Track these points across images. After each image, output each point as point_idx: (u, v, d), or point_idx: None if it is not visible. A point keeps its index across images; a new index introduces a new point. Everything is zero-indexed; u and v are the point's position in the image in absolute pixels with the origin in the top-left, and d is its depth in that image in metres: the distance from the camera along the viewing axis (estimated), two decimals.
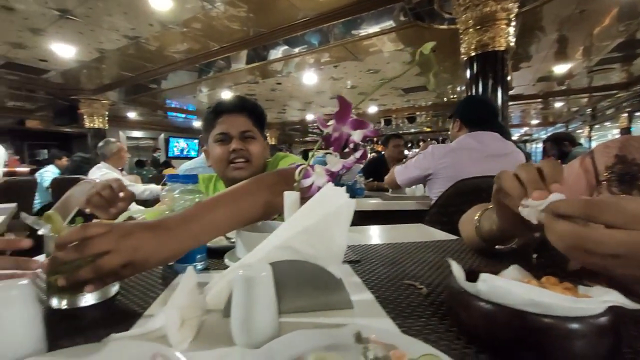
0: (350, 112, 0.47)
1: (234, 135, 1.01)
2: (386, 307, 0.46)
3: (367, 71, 5.63)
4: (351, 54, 4.69)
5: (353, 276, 0.59)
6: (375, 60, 5.04)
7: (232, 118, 1.03)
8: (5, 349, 0.32)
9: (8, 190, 2.90)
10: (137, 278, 0.60)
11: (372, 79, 6.08)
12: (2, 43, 4.19)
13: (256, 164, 1.03)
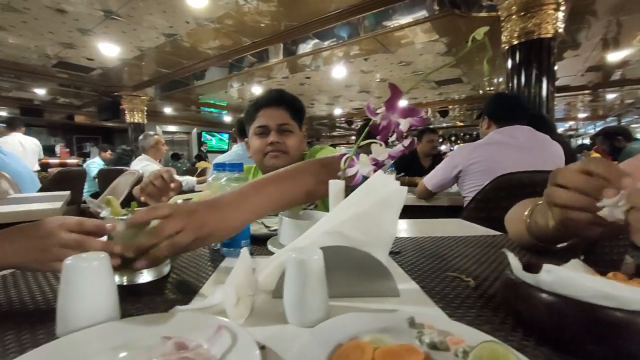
0: (400, 99, 0.46)
1: (272, 128, 1.04)
2: (433, 297, 0.46)
3: (398, 64, 5.50)
4: (382, 46, 4.59)
5: (395, 267, 0.59)
6: (407, 52, 4.90)
7: (270, 111, 1.05)
8: (86, 314, 0.36)
9: (61, 180, 3.16)
10: (189, 260, 0.64)
11: (403, 72, 5.92)
12: (55, 44, 4.54)
13: (292, 156, 1.06)
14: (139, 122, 7.49)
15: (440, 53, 4.90)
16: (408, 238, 0.81)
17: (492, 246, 0.73)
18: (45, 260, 0.45)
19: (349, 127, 11.42)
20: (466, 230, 0.92)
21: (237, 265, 0.42)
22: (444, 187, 1.62)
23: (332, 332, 0.33)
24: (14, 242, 0.46)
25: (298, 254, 0.39)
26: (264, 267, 0.48)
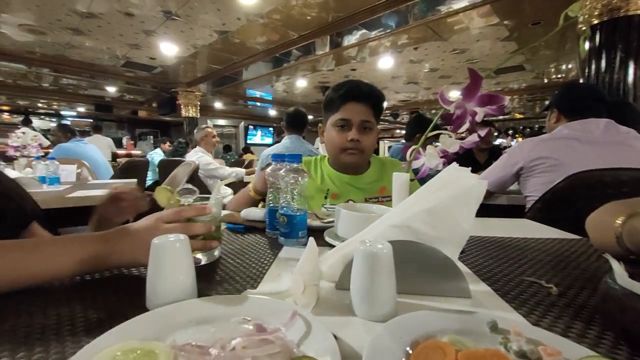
0: (480, 86, 0.43)
1: (355, 123, 1.02)
2: (511, 302, 0.42)
3: (451, 52, 5.16)
4: (434, 34, 4.34)
5: (461, 266, 0.55)
6: (463, 38, 4.57)
7: (357, 106, 1.03)
8: (171, 289, 0.39)
9: (129, 169, 3.51)
10: (252, 249, 0.67)
11: (457, 60, 5.55)
12: (123, 45, 5.01)
13: (367, 155, 1.08)
14: (193, 116, 8.00)
15: (501, 38, 4.49)
16: (470, 237, 0.76)
17: (571, 251, 0.66)
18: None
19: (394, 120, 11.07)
20: (535, 231, 0.84)
21: (304, 254, 0.42)
22: (503, 186, 1.48)
23: (407, 328, 0.32)
24: (119, 242, 0.48)
25: (366, 246, 0.39)
26: (327, 257, 0.48)
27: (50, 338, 0.33)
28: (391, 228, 0.43)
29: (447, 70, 6.15)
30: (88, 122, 10.64)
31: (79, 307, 0.40)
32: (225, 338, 0.29)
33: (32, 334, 0.34)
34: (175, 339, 0.30)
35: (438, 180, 0.43)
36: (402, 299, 0.43)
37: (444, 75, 6.47)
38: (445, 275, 0.43)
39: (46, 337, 0.33)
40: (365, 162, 1.11)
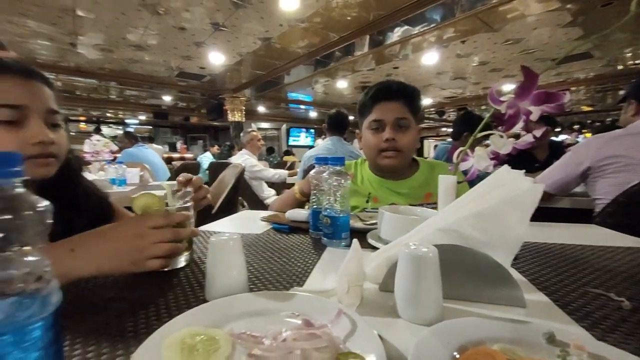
0: (536, 84, 0.40)
1: (388, 122, 0.98)
2: (572, 314, 0.39)
3: (503, 43, 4.80)
4: (484, 25, 4.07)
5: (514, 273, 0.52)
6: (517, 28, 4.23)
7: (389, 105, 0.99)
8: (229, 286, 0.42)
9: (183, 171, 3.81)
10: (296, 249, 0.70)
11: (510, 52, 5.14)
12: (177, 57, 5.44)
13: (407, 155, 1.01)
14: (239, 121, 8.42)
15: (562, 24, 4.07)
16: (525, 243, 0.71)
17: None
18: (142, 259, 0.46)
19: (440, 118, 10.57)
20: (605, 238, 0.76)
21: (348, 255, 0.43)
22: (565, 188, 1.33)
23: (454, 333, 0.32)
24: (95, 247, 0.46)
25: (411, 249, 0.39)
26: (371, 259, 0.48)
27: (127, 321, 0.38)
28: (437, 232, 0.42)
29: (498, 63, 5.73)
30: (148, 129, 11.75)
31: (149, 296, 0.45)
32: (276, 330, 0.31)
33: (110, 318, 0.39)
34: (232, 327, 0.33)
35: (488, 183, 0.41)
36: (449, 304, 0.42)
37: (495, 68, 6.03)
38: (496, 282, 0.41)
39: (123, 320, 0.38)
40: (404, 163, 1.04)
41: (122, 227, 0.49)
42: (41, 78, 0.60)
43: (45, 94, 0.59)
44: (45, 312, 0.25)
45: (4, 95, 0.53)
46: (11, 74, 0.55)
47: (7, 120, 0.53)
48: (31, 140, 0.55)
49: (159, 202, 0.54)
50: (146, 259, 0.47)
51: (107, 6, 3.54)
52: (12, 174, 0.24)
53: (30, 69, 0.59)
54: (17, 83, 0.55)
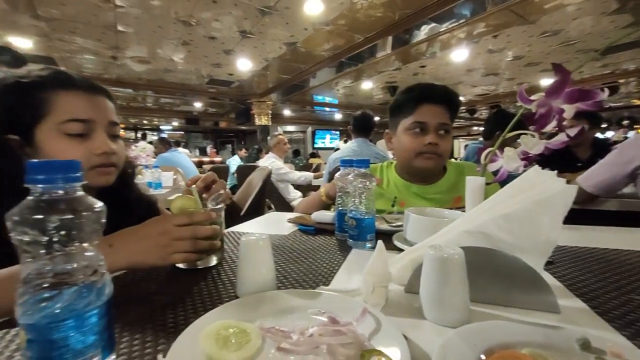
0: (569, 82, 0.39)
1: (432, 127, 0.95)
2: (612, 322, 0.37)
3: (540, 35, 4.53)
4: (518, 17, 3.86)
5: (549, 278, 0.50)
6: (555, 18, 3.98)
7: (434, 108, 0.96)
8: (258, 283, 0.45)
9: None
10: (322, 250, 0.71)
11: (547, 44, 4.84)
12: (208, 65, 5.69)
13: (444, 160, 1.00)
14: (265, 124, 8.62)
15: (608, 12, 3.77)
16: (562, 247, 0.68)
17: None
18: (166, 255, 0.50)
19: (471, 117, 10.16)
20: None
21: (374, 256, 0.44)
22: (611, 189, 1.23)
23: (481, 336, 0.31)
24: (129, 243, 0.50)
25: (436, 250, 0.39)
26: (396, 260, 0.49)
27: (168, 313, 0.41)
28: (464, 234, 0.42)
29: (535, 56, 5.42)
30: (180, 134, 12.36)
31: (186, 291, 0.48)
32: (303, 326, 0.33)
33: (154, 309, 0.42)
34: (261, 322, 0.35)
35: (517, 184, 0.40)
36: (478, 307, 0.41)
37: (531, 62, 5.71)
38: (527, 287, 0.40)
39: (164, 312, 0.42)
40: (441, 167, 1.03)
41: (151, 225, 0.53)
42: (104, 93, 0.66)
43: (108, 108, 0.65)
44: (100, 301, 0.28)
45: (74, 109, 0.59)
46: (80, 89, 0.61)
47: (76, 133, 0.59)
48: (96, 151, 0.60)
49: (194, 203, 0.58)
50: (170, 253, 0.51)
51: (145, 21, 3.79)
52: (74, 179, 0.27)
53: (96, 84, 0.65)
54: (85, 98, 0.61)
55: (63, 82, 0.60)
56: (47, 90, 0.58)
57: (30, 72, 0.60)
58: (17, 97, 0.58)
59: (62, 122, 0.58)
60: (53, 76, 0.60)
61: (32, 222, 0.25)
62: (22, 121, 0.57)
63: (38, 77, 0.59)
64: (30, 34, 4.08)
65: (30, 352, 0.26)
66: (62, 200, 0.27)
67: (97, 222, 0.28)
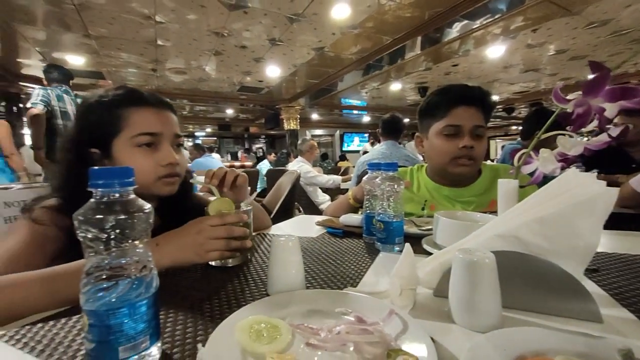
0: (608, 80, 0.37)
1: (467, 129, 0.92)
2: None
3: (585, 27, 4.21)
4: (560, 9, 3.61)
5: (592, 286, 0.47)
6: (603, 8, 3.68)
7: (468, 110, 0.93)
8: (288, 282, 0.46)
9: None
10: (350, 252, 0.72)
11: (595, 36, 4.47)
12: (239, 73, 5.92)
13: (479, 163, 0.98)
14: (294, 129, 8.78)
15: None
16: (611, 254, 0.63)
17: None
18: (203, 252, 0.55)
19: (509, 116, 9.62)
20: None
21: (401, 258, 0.44)
22: None
23: (512, 342, 0.31)
24: (171, 243, 0.55)
25: (466, 254, 0.38)
26: (424, 264, 0.48)
27: (205, 307, 0.44)
28: (495, 238, 0.41)
29: (580, 49, 5.03)
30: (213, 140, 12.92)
31: (221, 288, 0.51)
32: (331, 324, 0.34)
33: (193, 303, 0.46)
34: (291, 319, 0.37)
35: (553, 186, 0.38)
36: (511, 313, 0.40)
37: (576, 55, 5.31)
38: (565, 294, 0.38)
39: (202, 305, 0.45)
40: (475, 172, 1.00)
41: (189, 226, 0.58)
42: (170, 107, 0.73)
43: (173, 121, 0.72)
44: (149, 293, 0.32)
45: (145, 124, 0.66)
46: (150, 105, 0.68)
47: (146, 144, 0.65)
48: (162, 162, 0.66)
49: (229, 206, 0.62)
50: (206, 251, 0.56)
51: (183, 34, 4.03)
52: (128, 184, 0.31)
53: (163, 100, 0.71)
54: (154, 113, 0.67)
55: (136, 100, 0.67)
56: (123, 107, 0.65)
57: (108, 91, 0.67)
58: (99, 115, 0.65)
59: (134, 135, 0.64)
60: (128, 95, 0.67)
61: (93, 221, 0.29)
62: (103, 136, 0.65)
63: (115, 96, 0.66)
64: (82, 52, 4.49)
65: (91, 335, 0.29)
66: (117, 202, 0.30)
67: (146, 221, 0.32)
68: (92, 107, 0.66)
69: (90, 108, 0.66)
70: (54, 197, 0.63)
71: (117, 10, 3.37)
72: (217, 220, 0.58)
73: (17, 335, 0.38)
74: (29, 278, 0.46)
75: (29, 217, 0.58)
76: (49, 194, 0.65)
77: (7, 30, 3.75)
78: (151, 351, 0.32)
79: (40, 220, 0.57)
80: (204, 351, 0.30)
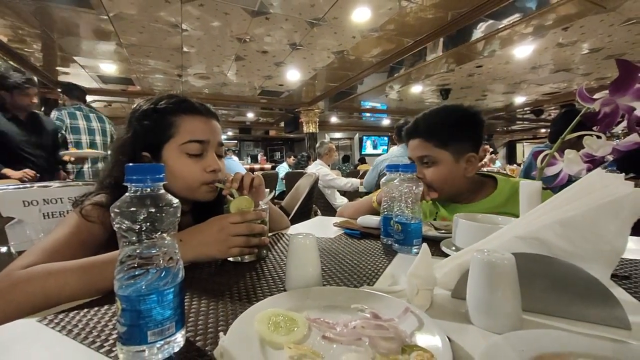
0: (637, 78, 0.36)
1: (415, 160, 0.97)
2: None
3: (621, 24, 3.98)
4: (594, 6, 3.44)
5: (621, 293, 0.45)
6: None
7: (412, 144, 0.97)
8: (305, 279, 0.48)
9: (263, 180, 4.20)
10: (367, 253, 0.72)
11: (634, 33, 4.21)
12: (260, 77, 6.04)
13: (441, 187, 0.93)
14: (313, 132, 8.83)
15: None
16: None
17: None
18: (225, 248, 0.59)
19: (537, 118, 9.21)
20: None
21: (418, 258, 0.44)
22: None
23: (531, 343, 0.30)
24: (195, 239, 0.58)
25: (484, 255, 0.38)
26: (442, 265, 0.48)
27: (227, 299, 0.46)
28: (515, 239, 0.40)
29: (617, 47, 4.76)
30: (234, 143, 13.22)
31: (242, 282, 0.53)
32: (347, 319, 0.35)
33: (215, 295, 0.48)
34: (308, 313, 0.38)
35: (576, 188, 0.37)
36: (532, 317, 0.39)
37: (612, 54, 5.03)
38: (589, 298, 0.37)
39: (224, 298, 0.47)
40: (442, 195, 0.94)
41: (212, 223, 0.61)
42: (215, 117, 0.76)
43: (218, 130, 0.75)
44: (175, 282, 0.34)
45: (195, 131, 0.69)
46: (199, 114, 0.71)
47: (194, 153, 0.69)
48: (208, 168, 0.70)
49: (249, 204, 0.64)
50: (228, 247, 0.59)
51: (207, 41, 4.17)
52: (158, 180, 0.33)
53: (210, 110, 0.75)
54: (202, 122, 0.71)
55: (186, 108, 0.71)
56: (175, 115, 0.69)
57: (161, 99, 0.72)
58: (153, 121, 0.69)
59: (184, 142, 0.68)
60: (179, 103, 0.71)
61: (128, 213, 0.31)
62: (155, 141, 0.69)
63: (168, 104, 0.70)
64: (114, 59, 4.75)
65: (123, 319, 0.31)
66: (149, 196, 0.33)
67: (174, 215, 0.34)
68: (146, 113, 0.70)
69: (145, 114, 0.70)
70: (102, 193, 0.67)
71: (147, 20, 3.54)
72: (237, 217, 0.61)
73: (56, 319, 0.41)
74: (66, 268, 0.49)
75: (79, 211, 0.62)
76: (97, 190, 0.69)
77: (47, 41, 4.03)
78: (176, 337, 0.34)
79: (89, 217, 0.61)
80: (225, 339, 0.32)
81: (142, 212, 0.31)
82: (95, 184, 0.73)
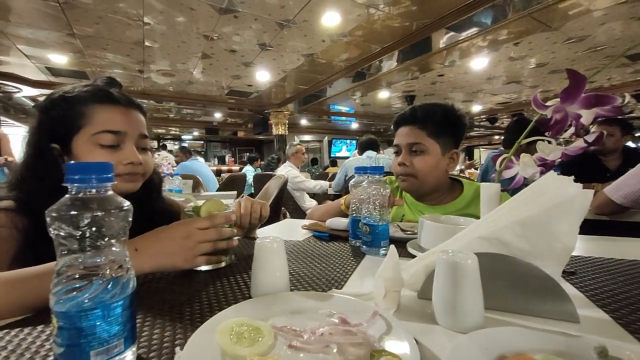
0: (583, 87, 0.38)
1: (402, 147, 1.00)
2: (636, 333, 0.36)
3: (564, 42, 4.41)
4: (540, 24, 3.78)
5: (570, 288, 0.49)
6: (581, 24, 3.86)
7: (405, 129, 1.00)
8: (271, 285, 0.46)
9: (231, 182, 4.08)
10: (336, 255, 0.72)
11: (573, 51, 4.69)
12: (228, 77, 5.88)
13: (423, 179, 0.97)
14: (282, 134, 8.76)
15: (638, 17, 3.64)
16: (587, 258, 0.65)
17: None
18: (191, 257, 0.53)
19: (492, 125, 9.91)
20: None
21: (385, 260, 0.44)
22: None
23: (493, 341, 0.31)
24: (153, 247, 0.52)
25: (449, 255, 0.39)
26: (409, 266, 0.48)
27: (185, 310, 0.43)
28: (478, 240, 0.42)
29: (559, 63, 5.26)
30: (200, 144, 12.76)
31: (202, 290, 0.50)
32: (315, 326, 0.33)
33: (172, 306, 0.44)
34: (274, 321, 0.36)
35: (532, 189, 0.39)
36: (492, 314, 0.41)
37: (555, 69, 5.55)
38: (544, 295, 0.39)
39: (182, 309, 0.43)
40: (422, 188, 0.99)
41: (174, 228, 0.55)
42: (138, 107, 0.70)
43: (139, 121, 0.69)
44: (124, 294, 0.30)
45: (108, 122, 0.63)
46: (115, 104, 0.65)
47: (108, 144, 0.63)
48: (124, 161, 0.64)
49: (220, 205, 0.61)
50: (195, 256, 0.54)
51: (171, 36, 3.98)
52: (106, 180, 0.30)
53: (131, 99, 0.69)
54: (119, 112, 0.65)
55: (101, 97, 0.64)
56: (87, 104, 0.63)
57: (75, 87, 0.65)
58: (61, 110, 0.63)
59: (96, 132, 0.62)
60: (94, 92, 0.65)
61: (67, 218, 0.28)
62: (63, 131, 0.62)
63: (80, 92, 0.64)
64: (66, 51, 4.37)
65: (60, 339, 0.28)
66: (94, 198, 0.29)
67: (124, 219, 0.31)
68: (54, 102, 0.64)
69: (53, 102, 0.64)
70: (8, 197, 0.60)
71: (104, 10, 3.30)
72: (206, 222, 0.56)
73: None
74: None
75: None
76: (5, 195, 0.61)
77: None
78: (125, 355, 0.30)
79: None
80: (181, 355, 0.29)
81: (85, 216, 0.28)
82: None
